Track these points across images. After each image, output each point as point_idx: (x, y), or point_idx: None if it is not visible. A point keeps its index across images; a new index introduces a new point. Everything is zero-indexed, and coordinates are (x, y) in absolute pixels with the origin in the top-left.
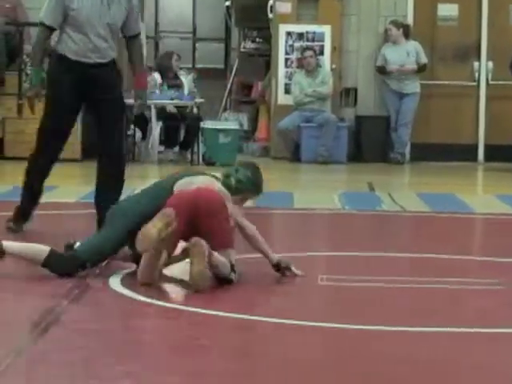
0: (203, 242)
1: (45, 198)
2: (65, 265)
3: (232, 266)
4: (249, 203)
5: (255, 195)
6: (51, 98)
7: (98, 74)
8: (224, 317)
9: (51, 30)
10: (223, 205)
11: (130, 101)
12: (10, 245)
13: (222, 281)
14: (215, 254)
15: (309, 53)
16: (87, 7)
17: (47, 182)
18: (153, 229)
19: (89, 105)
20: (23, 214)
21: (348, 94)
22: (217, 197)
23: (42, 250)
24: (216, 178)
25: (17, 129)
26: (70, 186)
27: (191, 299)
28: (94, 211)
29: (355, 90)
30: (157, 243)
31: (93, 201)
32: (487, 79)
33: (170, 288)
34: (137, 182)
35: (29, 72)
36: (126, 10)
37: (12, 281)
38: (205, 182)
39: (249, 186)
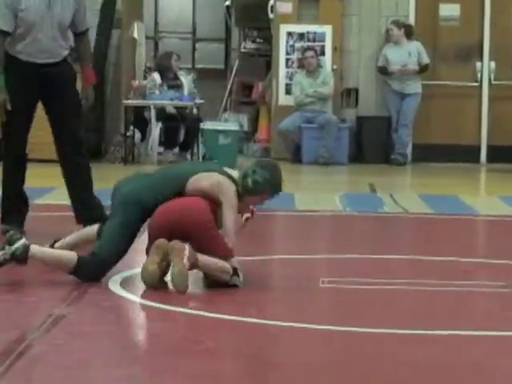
0: (183, 244)
1: (42, 200)
2: (93, 270)
3: (235, 270)
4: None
5: (274, 195)
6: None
7: (50, 73)
8: (227, 319)
9: (7, 34)
10: (207, 221)
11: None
12: (39, 251)
13: (225, 286)
14: (202, 256)
15: (310, 53)
16: (35, 7)
17: (45, 183)
18: (151, 266)
19: (44, 104)
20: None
21: (349, 95)
22: (198, 216)
23: (71, 258)
24: (230, 177)
25: None
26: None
27: (193, 301)
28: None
29: (356, 90)
30: (160, 278)
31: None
32: (489, 79)
33: (170, 290)
34: None
35: None
36: (73, 8)
37: (10, 284)
38: (217, 180)
39: (266, 186)
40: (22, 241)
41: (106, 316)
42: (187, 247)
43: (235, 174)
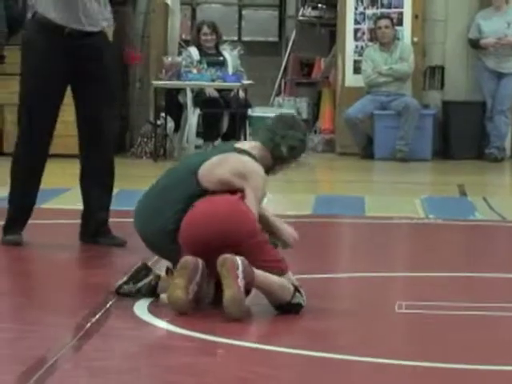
0: (235, 258)
1: (56, 204)
2: None
3: (296, 288)
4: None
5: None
6: (29, 70)
7: (86, 46)
8: (281, 353)
9: None
10: (254, 228)
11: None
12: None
13: (283, 309)
14: (260, 272)
15: (384, 22)
16: None
17: (60, 183)
18: (177, 291)
19: (74, 88)
20: (13, 223)
21: (433, 74)
22: (242, 222)
23: None
24: (251, 155)
25: None
26: None
27: (236, 330)
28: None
29: (442, 68)
30: (190, 301)
31: (120, 208)
32: None
33: (206, 316)
34: None
35: None
36: None
37: (16, 308)
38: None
39: (303, 149)
40: (149, 278)
41: (132, 348)
42: (240, 263)
43: (249, 146)
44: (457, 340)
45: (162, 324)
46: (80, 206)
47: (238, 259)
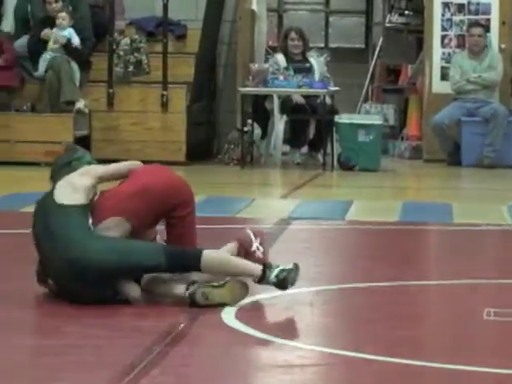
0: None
1: None
2: None
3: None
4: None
5: None
6: None
7: None
8: (371, 360)
9: None
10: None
11: None
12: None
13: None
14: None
15: (477, 30)
16: None
17: None
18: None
19: None
20: None
21: None
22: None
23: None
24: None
25: (107, 124)
26: None
27: (325, 338)
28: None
29: None
30: None
31: (207, 215)
32: None
33: (291, 322)
34: (256, 191)
35: (121, 53)
36: None
37: (109, 314)
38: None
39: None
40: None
41: (219, 355)
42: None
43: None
44: None
45: (249, 330)
46: None
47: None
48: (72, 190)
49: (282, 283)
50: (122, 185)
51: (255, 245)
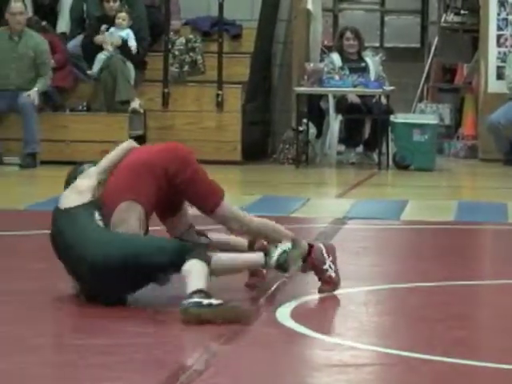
0: None
1: None
2: None
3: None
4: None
5: None
6: None
7: None
8: (426, 360)
9: None
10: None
11: None
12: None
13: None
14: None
15: None
16: None
17: None
18: None
19: None
20: None
21: None
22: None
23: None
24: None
25: (162, 124)
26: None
27: (378, 338)
28: None
29: None
30: None
31: (264, 214)
32: None
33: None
34: (311, 190)
35: (176, 53)
36: None
37: (158, 311)
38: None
39: None
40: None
41: (274, 354)
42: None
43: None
44: None
45: (304, 330)
46: None
47: None
48: (77, 193)
49: (283, 266)
50: (116, 171)
51: (328, 263)
